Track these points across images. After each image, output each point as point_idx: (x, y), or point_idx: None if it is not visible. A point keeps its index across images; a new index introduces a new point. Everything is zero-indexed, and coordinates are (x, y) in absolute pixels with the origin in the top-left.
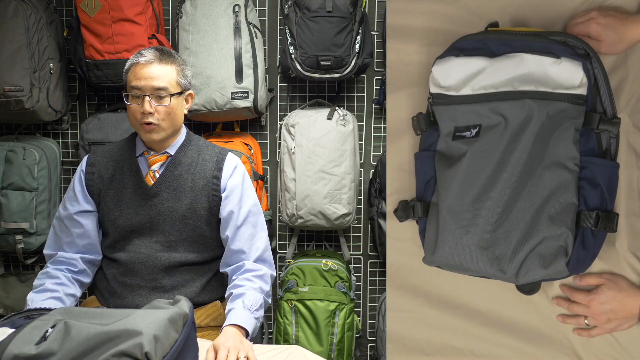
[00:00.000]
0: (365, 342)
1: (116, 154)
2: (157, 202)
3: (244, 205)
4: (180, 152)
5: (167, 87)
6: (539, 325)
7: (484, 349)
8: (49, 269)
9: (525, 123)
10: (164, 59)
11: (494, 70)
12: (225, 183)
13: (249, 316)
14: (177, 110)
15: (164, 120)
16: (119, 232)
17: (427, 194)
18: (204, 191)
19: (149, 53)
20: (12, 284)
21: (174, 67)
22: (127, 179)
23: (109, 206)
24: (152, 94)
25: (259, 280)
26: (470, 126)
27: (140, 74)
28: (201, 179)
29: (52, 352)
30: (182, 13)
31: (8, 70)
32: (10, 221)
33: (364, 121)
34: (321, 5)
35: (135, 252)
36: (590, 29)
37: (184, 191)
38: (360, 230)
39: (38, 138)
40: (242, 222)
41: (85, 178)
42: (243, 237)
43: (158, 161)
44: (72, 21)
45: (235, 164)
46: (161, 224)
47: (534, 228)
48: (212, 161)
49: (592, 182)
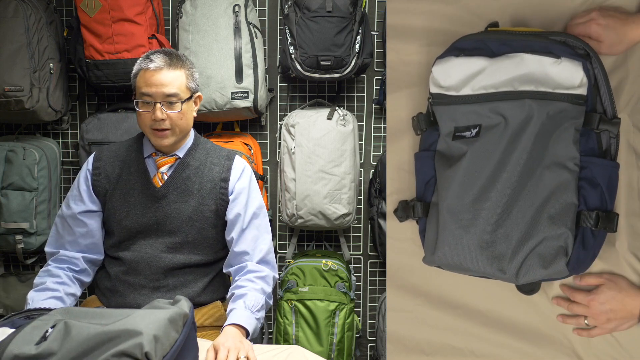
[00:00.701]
0: (365, 342)
1: (123, 154)
2: (164, 204)
3: (250, 208)
4: (188, 155)
5: (178, 93)
6: (539, 325)
7: (484, 349)
8: (51, 267)
9: (526, 123)
10: (174, 64)
11: (494, 71)
12: (233, 186)
13: (249, 316)
14: (188, 115)
15: (176, 126)
16: (125, 232)
17: (427, 194)
18: (212, 194)
19: (158, 58)
20: (12, 284)
21: (184, 72)
22: (134, 179)
23: (116, 206)
24: (163, 100)
25: (260, 282)
26: (471, 126)
27: (151, 81)
28: (209, 182)
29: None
30: (182, 13)
31: (8, 70)
32: (10, 221)
33: (364, 121)
34: (321, 5)
35: (140, 252)
36: (591, 29)
37: (192, 194)
38: (360, 230)
39: (38, 138)
40: (247, 225)
41: (91, 177)
42: (247, 239)
43: (167, 163)
44: (72, 21)
45: (243, 167)
46: (168, 226)
47: (534, 228)
48: (220, 164)
49: (592, 182)
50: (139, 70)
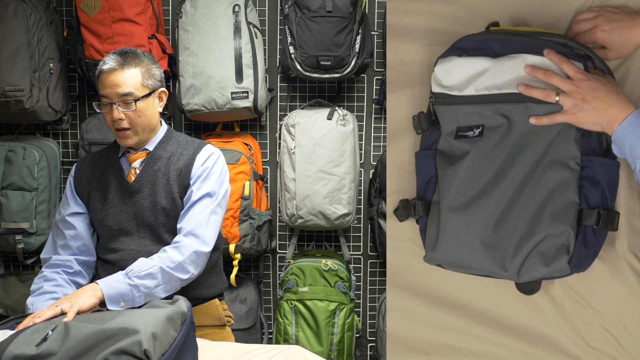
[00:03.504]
0: (365, 342)
1: (102, 157)
2: (139, 198)
3: (202, 189)
4: (159, 148)
5: (132, 92)
6: (539, 325)
7: (484, 349)
8: (45, 272)
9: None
10: (127, 63)
11: (497, 71)
12: (195, 170)
13: (118, 279)
14: (148, 112)
15: (136, 124)
16: (108, 232)
17: (427, 192)
18: (177, 181)
19: (111, 60)
20: (12, 284)
21: (139, 70)
22: (111, 179)
23: (97, 207)
24: (119, 100)
25: (170, 250)
26: (473, 126)
27: (106, 82)
28: (175, 171)
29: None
30: (182, 13)
31: (8, 70)
32: (10, 221)
33: (364, 121)
34: (321, 5)
35: (125, 251)
36: (597, 37)
37: (162, 184)
38: (360, 230)
39: (38, 138)
40: (194, 204)
41: (73, 182)
42: (187, 216)
43: (138, 158)
44: (72, 21)
45: (210, 153)
46: (145, 219)
47: (536, 226)
48: (189, 154)
49: (593, 180)
50: (98, 73)
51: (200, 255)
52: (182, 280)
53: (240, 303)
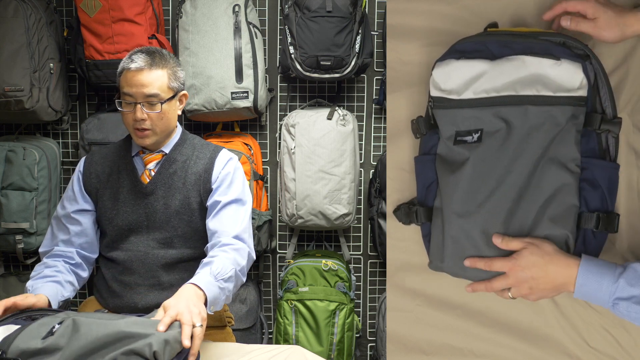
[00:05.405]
0: (365, 342)
1: (113, 154)
2: (152, 200)
3: (230, 194)
4: (175, 151)
5: (158, 94)
6: (538, 325)
7: (484, 349)
8: (46, 260)
9: (528, 128)
10: (155, 64)
11: (496, 74)
12: (216, 175)
13: (212, 282)
14: (170, 114)
15: (156, 126)
16: (116, 230)
17: (428, 198)
18: (196, 185)
19: (139, 59)
20: (12, 284)
21: (166, 72)
22: (123, 178)
23: (106, 205)
24: (144, 101)
25: (234, 252)
26: (472, 131)
27: (132, 81)
28: (193, 175)
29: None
30: (182, 13)
31: (8, 70)
32: (10, 221)
33: (364, 121)
34: (321, 5)
35: (132, 250)
36: (587, 5)
37: (177, 188)
38: (360, 230)
39: (38, 138)
40: (223, 207)
41: (82, 178)
42: (223, 218)
43: (153, 160)
44: (72, 21)
45: (228, 157)
46: (157, 221)
47: (536, 230)
48: (206, 157)
49: (592, 183)
50: (122, 70)
51: (251, 261)
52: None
53: (240, 303)
